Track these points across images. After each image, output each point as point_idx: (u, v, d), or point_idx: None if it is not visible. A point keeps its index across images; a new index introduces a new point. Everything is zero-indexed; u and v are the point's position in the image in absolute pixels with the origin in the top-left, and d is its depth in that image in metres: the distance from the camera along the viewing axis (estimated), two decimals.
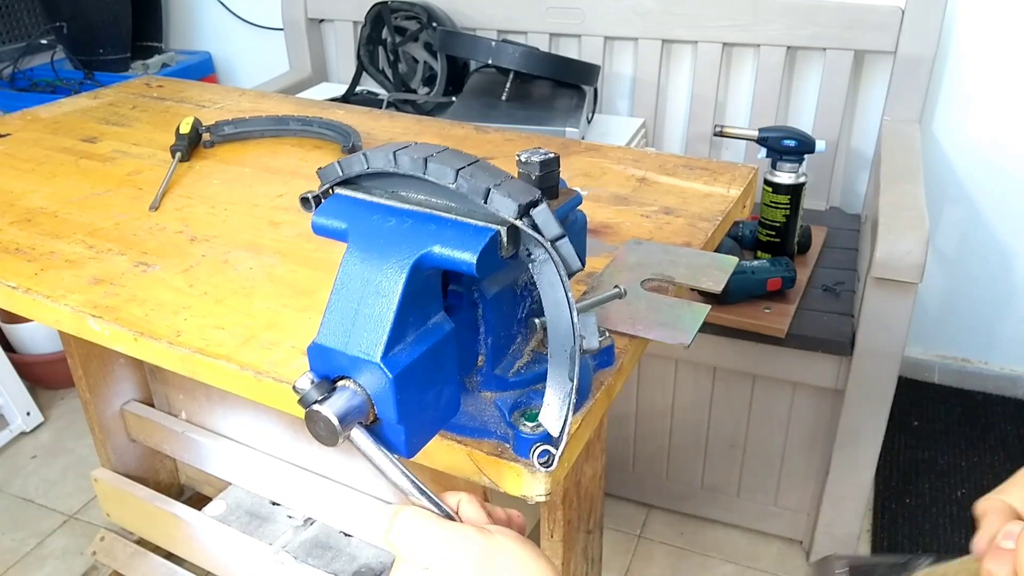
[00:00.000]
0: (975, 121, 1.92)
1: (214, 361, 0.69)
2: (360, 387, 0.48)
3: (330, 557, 1.30)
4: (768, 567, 1.74)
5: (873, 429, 1.53)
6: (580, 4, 2.00)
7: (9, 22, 2.39)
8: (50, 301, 0.78)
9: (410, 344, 0.49)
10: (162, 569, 1.50)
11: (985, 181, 1.97)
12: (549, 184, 0.57)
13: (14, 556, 1.80)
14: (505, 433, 0.57)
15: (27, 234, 0.91)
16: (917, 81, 1.80)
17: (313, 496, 1.31)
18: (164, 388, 1.51)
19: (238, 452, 1.39)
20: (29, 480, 2.01)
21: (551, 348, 0.50)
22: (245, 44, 2.56)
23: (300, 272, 0.82)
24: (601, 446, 0.94)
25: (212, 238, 0.89)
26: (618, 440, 1.81)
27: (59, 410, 2.24)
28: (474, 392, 0.60)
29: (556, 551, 0.93)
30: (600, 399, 0.64)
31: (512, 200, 0.47)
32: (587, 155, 1.11)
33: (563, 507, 0.89)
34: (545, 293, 0.49)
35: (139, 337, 0.73)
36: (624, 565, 1.77)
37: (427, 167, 0.49)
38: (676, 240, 0.89)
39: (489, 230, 0.48)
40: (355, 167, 0.52)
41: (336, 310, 0.49)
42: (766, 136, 1.65)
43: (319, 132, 1.17)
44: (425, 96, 2.03)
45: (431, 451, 0.59)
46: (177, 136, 1.11)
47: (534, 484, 0.56)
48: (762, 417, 1.65)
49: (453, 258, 0.48)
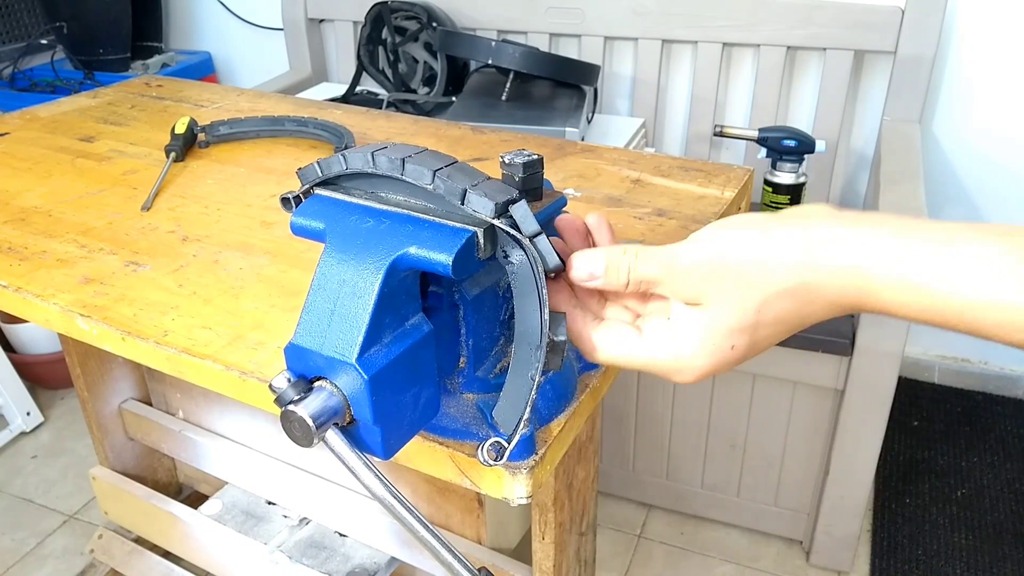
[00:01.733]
0: (975, 121, 1.91)
1: (200, 361, 0.69)
2: (336, 388, 0.48)
3: (324, 557, 1.31)
4: (768, 567, 1.74)
5: (873, 429, 1.52)
6: (580, 4, 2.00)
7: (9, 22, 2.40)
8: (40, 300, 0.79)
9: (386, 345, 0.48)
10: (159, 567, 1.51)
11: (985, 181, 1.96)
12: (532, 186, 0.57)
13: (14, 556, 1.81)
14: (487, 435, 0.57)
15: (20, 233, 0.91)
16: (917, 81, 1.79)
17: (308, 496, 1.31)
18: (162, 387, 1.51)
19: (234, 451, 1.40)
20: (29, 480, 2.01)
21: (515, 343, 0.50)
22: (245, 44, 2.56)
23: (290, 272, 0.82)
24: (594, 448, 0.94)
25: (204, 238, 0.89)
26: (618, 440, 1.81)
27: (59, 410, 2.24)
28: (456, 394, 0.59)
29: (548, 553, 0.93)
30: (585, 400, 0.64)
31: (489, 199, 0.47)
32: (583, 156, 1.11)
33: (554, 509, 0.89)
34: (518, 290, 0.49)
35: (126, 336, 0.73)
36: (624, 565, 1.77)
37: (404, 168, 0.49)
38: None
39: (466, 231, 0.48)
40: (334, 167, 0.52)
41: (313, 310, 0.49)
42: (766, 136, 1.64)
43: (315, 133, 1.17)
44: (425, 96, 2.03)
45: (411, 453, 0.59)
46: (172, 136, 1.11)
47: (515, 486, 0.56)
48: (762, 417, 1.65)
49: (429, 259, 0.48)
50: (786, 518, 1.75)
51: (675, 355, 0.51)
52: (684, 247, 0.51)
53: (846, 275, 0.46)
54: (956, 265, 0.43)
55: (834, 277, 0.46)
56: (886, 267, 0.45)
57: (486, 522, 1.16)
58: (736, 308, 0.49)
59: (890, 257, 0.45)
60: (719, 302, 0.49)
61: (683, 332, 0.51)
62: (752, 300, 0.48)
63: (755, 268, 0.48)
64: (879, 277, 0.45)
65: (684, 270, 0.50)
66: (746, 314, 0.49)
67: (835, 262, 0.46)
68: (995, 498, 1.85)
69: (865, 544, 1.76)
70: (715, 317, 0.49)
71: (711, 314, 0.50)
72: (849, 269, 0.46)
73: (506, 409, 0.52)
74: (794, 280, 0.47)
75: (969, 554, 1.72)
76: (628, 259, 0.52)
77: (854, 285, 0.46)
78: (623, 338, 0.53)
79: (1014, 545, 1.73)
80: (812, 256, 0.46)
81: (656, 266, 0.51)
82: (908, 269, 0.44)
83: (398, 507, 0.49)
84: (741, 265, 0.48)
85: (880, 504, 1.84)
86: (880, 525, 1.80)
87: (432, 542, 0.50)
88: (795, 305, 0.48)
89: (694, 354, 0.51)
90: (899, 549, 1.74)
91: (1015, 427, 2.05)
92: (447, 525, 1.20)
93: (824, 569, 1.72)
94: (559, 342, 0.51)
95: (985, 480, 1.90)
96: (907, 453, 1.98)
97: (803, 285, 0.47)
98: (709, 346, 0.50)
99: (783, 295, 0.48)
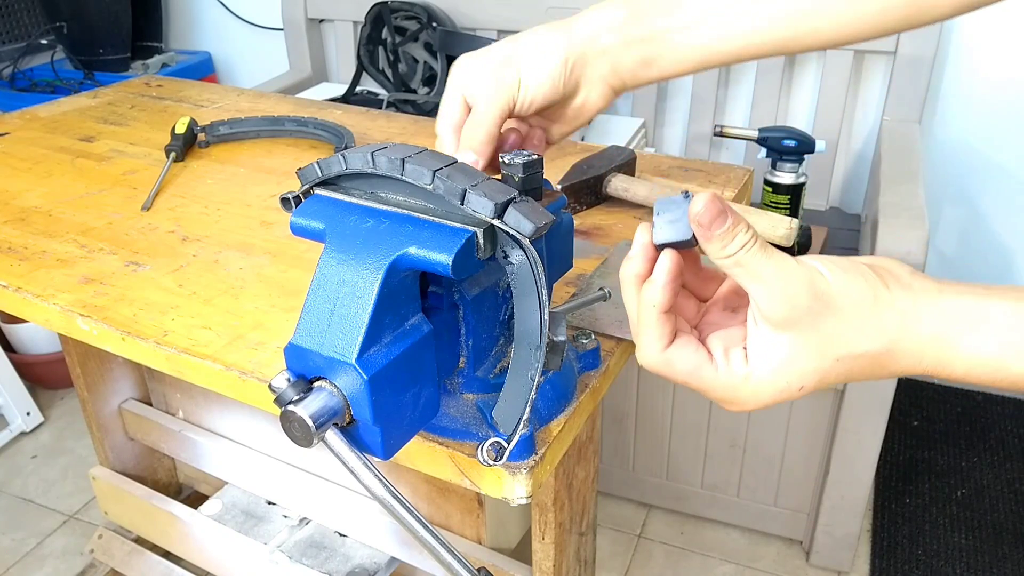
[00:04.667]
0: (975, 121, 1.91)
1: (200, 361, 0.69)
2: (336, 388, 0.48)
3: (324, 557, 1.30)
4: (768, 567, 1.74)
5: (873, 429, 1.52)
6: (580, 4, 1.99)
7: (9, 22, 2.40)
8: (40, 300, 0.79)
9: (386, 345, 0.48)
10: (159, 567, 1.51)
11: (985, 181, 1.96)
12: (533, 186, 0.57)
13: (14, 556, 1.81)
14: (487, 435, 0.57)
15: (20, 233, 0.91)
16: (917, 81, 1.79)
17: (308, 496, 1.31)
18: (162, 387, 1.51)
19: (234, 451, 1.40)
20: (29, 480, 2.01)
21: (515, 343, 0.50)
22: (245, 44, 2.56)
23: (290, 272, 0.82)
24: (594, 448, 0.94)
25: (204, 238, 0.89)
26: (618, 440, 1.81)
27: (59, 410, 2.24)
28: (456, 394, 0.59)
29: (548, 553, 0.92)
30: (585, 401, 0.64)
31: (488, 199, 0.47)
32: (583, 157, 1.11)
33: (554, 509, 0.89)
34: (518, 290, 0.49)
35: (126, 336, 0.73)
36: (624, 565, 1.77)
37: (404, 168, 0.49)
38: None
39: (465, 231, 0.48)
40: (334, 168, 0.52)
41: (312, 310, 0.49)
42: (766, 136, 1.64)
43: (315, 133, 1.17)
44: (425, 96, 2.03)
45: (411, 452, 0.59)
46: (172, 136, 1.11)
47: (515, 486, 0.56)
48: (762, 417, 1.65)
49: (429, 259, 0.48)
50: (786, 518, 1.75)
51: (744, 377, 0.49)
52: (803, 265, 0.48)
53: (928, 344, 0.47)
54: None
55: (916, 344, 0.47)
56: (967, 338, 0.46)
57: (486, 522, 1.16)
58: (821, 350, 0.47)
59: (970, 329, 0.46)
60: (807, 336, 0.47)
61: (760, 356, 0.48)
62: (838, 349, 0.47)
63: (857, 321, 0.47)
64: (960, 348, 0.46)
65: (794, 284, 0.46)
66: (824, 360, 0.47)
67: (921, 331, 0.46)
68: (995, 498, 1.85)
69: (865, 544, 1.76)
70: (797, 350, 0.47)
71: (795, 346, 0.47)
72: (932, 338, 0.46)
73: (506, 409, 0.52)
74: (881, 346, 0.47)
75: (969, 554, 1.72)
76: (752, 233, 0.47)
77: (933, 356, 0.47)
78: (692, 353, 0.50)
79: (1014, 545, 1.73)
80: (906, 328, 0.47)
81: (770, 263, 0.47)
82: (985, 341, 0.45)
83: (398, 507, 0.49)
84: (844, 311, 0.47)
85: (880, 504, 1.84)
86: (880, 525, 1.80)
87: (432, 542, 0.50)
88: (870, 366, 0.48)
89: (762, 381, 0.48)
90: (899, 549, 1.74)
91: (1015, 427, 2.05)
92: (447, 525, 1.20)
93: (824, 569, 1.72)
94: (559, 342, 0.51)
95: (985, 480, 1.90)
96: (907, 453, 1.98)
97: (888, 352, 0.47)
98: (781, 380, 0.48)
99: (867, 356, 0.47)
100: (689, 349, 0.50)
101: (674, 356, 0.50)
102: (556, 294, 0.76)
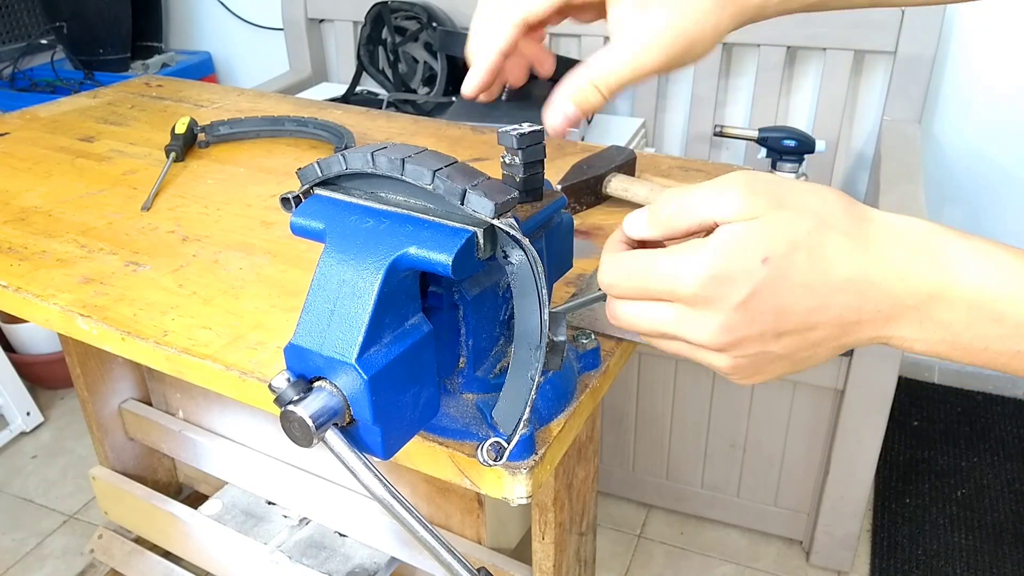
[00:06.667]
0: (975, 121, 1.91)
1: (200, 361, 0.69)
2: (336, 388, 0.48)
3: (324, 557, 1.31)
4: (768, 567, 1.74)
5: (873, 429, 1.52)
6: None
7: (9, 22, 2.40)
8: (40, 300, 0.79)
9: (386, 345, 0.48)
10: (159, 567, 1.51)
11: (985, 181, 1.96)
12: (533, 186, 0.57)
13: (14, 556, 1.81)
14: (487, 435, 0.57)
15: (20, 233, 0.91)
16: (917, 81, 1.79)
17: (308, 496, 1.31)
18: (162, 387, 1.51)
19: (234, 451, 1.40)
20: (29, 480, 2.01)
21: (515, 343, 0.50)
22: (245, 44, 2.56)
23: (290, 272, 0.82)
24: (594, 448, 0.94)
25: (204, 238, 0.89)
26: (618, 440, 1.81)
27: (59, 410, 2.24)
28: (456, 394, 0.59)
29: (548, 553, 0.92)
30: (585, 401, 0.64)
31: (488, 199, 0.47)
32: (583, 157, 1.11)
33: (554, 509, 0.89)
34: (518, 290, 0.49)
35: (126, 336, 0.73)
36: (624, 565, 1.77)
37: (404, 168, 0.49)
38: None
39: (465, 231, 0.48)
40: (334, 168, 0.52)
41: (312, 310, 0.49)
42: (766, 136, 1.64)
43: (314, 133, 1.17)
44: (425, 96, 2.03)
45: (411, 452, 0.59)
46: (172, 136, 1.11)
47: (515, 486, 0.56)
48: (762, 417, 1.65)
49: (429, 259, 0.48)
50: (786, 518, 1.75)
51: (701, 242, 0.43)
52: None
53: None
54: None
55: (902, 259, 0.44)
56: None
57: (486, 522, 1.16)
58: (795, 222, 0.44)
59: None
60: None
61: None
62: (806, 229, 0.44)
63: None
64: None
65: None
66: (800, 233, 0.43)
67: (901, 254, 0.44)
68: (995, 498, 1.85)
69: (865, 544, 1.76)
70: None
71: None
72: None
73: (506, 409, 0.52)
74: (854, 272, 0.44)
75: (969, 554, 1.72)
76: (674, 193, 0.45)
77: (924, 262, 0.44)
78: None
79: (1014, 545, 1.73)
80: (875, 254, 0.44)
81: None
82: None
83: (398, 507, 0.49)
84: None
85: (880, 504, 1.84)
86: (880, 525, 1.79)
87: (432, 542, 0.50)
88: (854, 301, 0.44)
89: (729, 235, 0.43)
90: (899, 549, 1.74)
91: (1015, 427, 2.05)
92: (447, 525, 1.20)
93: (824, 569, 1.72)
94: (559, 342, 0.50)
95: (985, 480, 1.90)
96: (907, 453, 1.98)
97: (864, 277, 0.44)
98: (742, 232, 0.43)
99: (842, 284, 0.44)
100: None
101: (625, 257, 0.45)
102: (556, 294, 0.76)
